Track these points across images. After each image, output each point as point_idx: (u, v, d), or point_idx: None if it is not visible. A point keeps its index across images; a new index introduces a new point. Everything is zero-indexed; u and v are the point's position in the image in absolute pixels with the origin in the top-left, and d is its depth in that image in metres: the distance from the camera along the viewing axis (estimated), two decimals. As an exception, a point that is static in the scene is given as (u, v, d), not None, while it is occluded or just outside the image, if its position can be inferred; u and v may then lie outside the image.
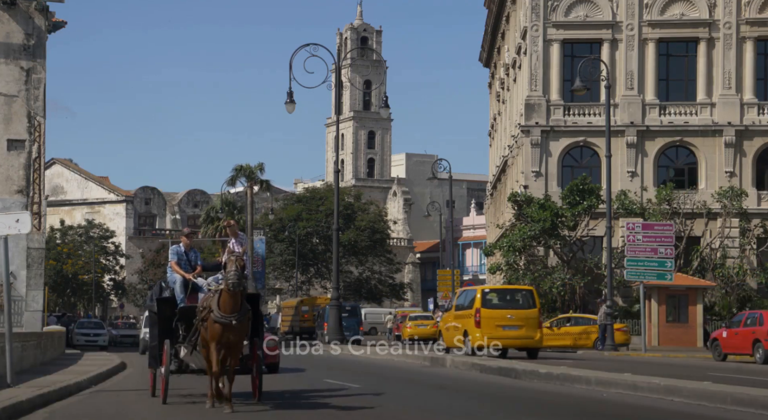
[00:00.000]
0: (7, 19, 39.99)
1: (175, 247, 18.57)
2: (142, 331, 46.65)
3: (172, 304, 17.98)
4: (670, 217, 51.35)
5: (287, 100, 38.76)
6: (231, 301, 16.04)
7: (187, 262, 18.36)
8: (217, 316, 16.02)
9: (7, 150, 39.87)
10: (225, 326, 16.05)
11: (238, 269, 15.95)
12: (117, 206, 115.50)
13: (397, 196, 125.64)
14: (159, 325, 18.09)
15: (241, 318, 16.14)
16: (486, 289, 34.66)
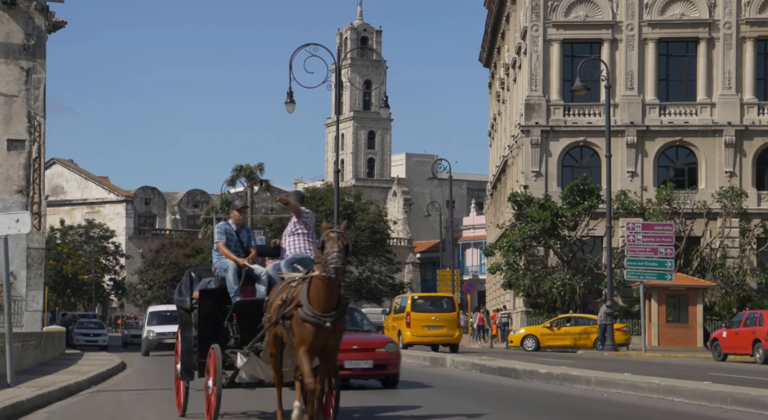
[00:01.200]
0: (7, 19, 39.99)
1: (222, 225, 14.66)
2: (145, 329, 45.76)
3: (219, 298, 14.16)
4: (670, 217, 51.36)
5: (287, 100, 38.73)
6: (328, 294, 12.17)
7: (238, 243, 14.58)
8: (308, 313, 12.13)
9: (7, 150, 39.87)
10: (319, 328, 12.17)
11: (341, 250, 12.07)
12: (117, 206, 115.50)
13: (397, 196, 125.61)
14: (200, 325, 14.24)
15: (340, 318, 12.35)
16: (415, 296, 42.76)
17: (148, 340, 44.70)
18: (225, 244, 14.42)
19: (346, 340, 15.07)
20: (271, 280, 14.10)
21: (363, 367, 19.93)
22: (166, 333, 43.92)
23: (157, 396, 19.75)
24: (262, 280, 14.26)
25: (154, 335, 44.60)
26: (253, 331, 13.68)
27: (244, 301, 13.85)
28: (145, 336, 45.32)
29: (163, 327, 44.70)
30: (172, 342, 43.09)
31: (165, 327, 44.42)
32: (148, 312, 48.54)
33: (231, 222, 14.75)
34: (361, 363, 19.89)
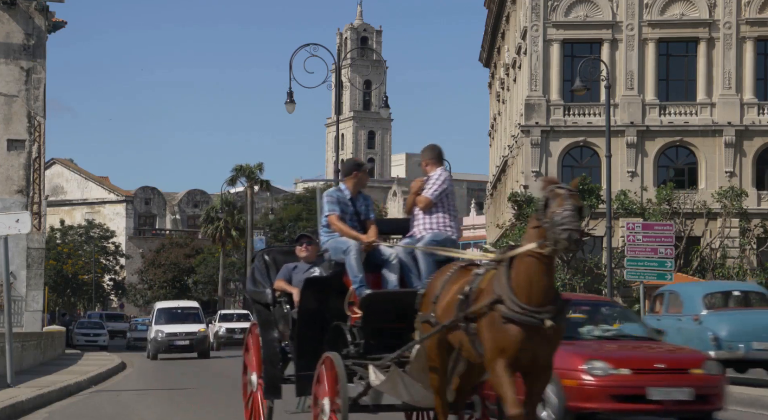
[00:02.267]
0: (7, 19, 40.00)
1: (333, 192, 10.91)
2: (152, 329, 41.98)
3: (327, 290, 10.56)
4: (670, 217, 51.34)
5: (287, 100, 38.71)
6: (545, 279, 8.40)
7: (354, 215, 10.77)
8: (514, 309, 8.26)
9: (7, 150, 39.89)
10: (530, 330, 8.27)
11: (574, 211, 8.25)
12: (117, 206, 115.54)
13: (397, 196, 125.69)
14: (300, 325, 10.66)
15: (560, 315, 8.50)
16: None
17: (156, 341, 41.01)
18: (339, 218, 10.65)
19: (645, 355, 12.09)
20: (404, 266, 10.41)
21: (678, 398, 12.92)
22: (177, 333, 41.11)
23: (157, 396, 19.75)
24: (391, 265, 10.39)
25: (164, 336, 41.06)
26: (383, 335, 10.14)
27: (376, 295, 10.06)
28: (153, 337, 41.32)
29: (173, 326, 41.51)
30: (184, 344, 41.23)
31: (176, 326, 41.54)
32: (155, 309, 44.88)
33: (344, 187, 10.93)
34: (674, 392, 12.90)
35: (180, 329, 41.48)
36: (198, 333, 41.71)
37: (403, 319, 9.84)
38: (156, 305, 46.71)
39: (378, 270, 10.39)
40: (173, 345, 41.02)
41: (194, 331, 41.65)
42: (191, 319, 43.10)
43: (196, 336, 41.48)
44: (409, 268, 10.39)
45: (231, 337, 51.25)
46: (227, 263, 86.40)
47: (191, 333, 41.56)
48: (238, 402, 17.99)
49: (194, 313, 44.03)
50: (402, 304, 9.88)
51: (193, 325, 42.24)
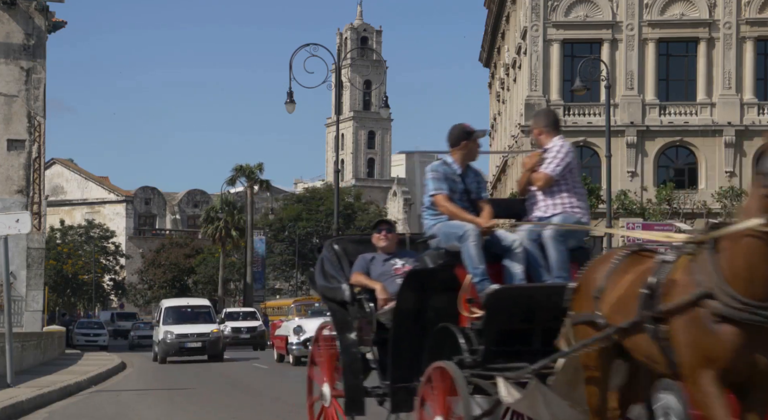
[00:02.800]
0: (7, 19, 40.00)
1: (439, 167, 8.95)
2: (159, 329, 37.86)
3: (433, 283, 8.74)
4: (670, 217, 51.36)
5: (287, 100, 38.71)
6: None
7: (464, 194, 8.89)
8: (732, 304, 6.26)
9: (7, 150, 39.89)
10: (754, 331, 6.25)
11: None
12: (117, 206, 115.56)
13: (397, 196, 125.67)
14: (396, 328, 8.80)
15: None
16: None
17: (165, 343, 36.93)
18: (448, 198, 8.74)
19: None
20: (530, 256, 8.51)
21: None
22: (188, 335, 37.29)
23: (157, 396, 19.76)
24: (515, 254, 8.47)
25: (173, 337, 37.07)
26: (507, 339, 8.20)
27: (505, 290, 8.08)
28: (162, 338, 37.19)
29: (183, 327, 37.67)
30: (196, 346, 37.30)
31: (186, 327, 37.74)
32: (162, 307, 40.59)
33: (451, 160, 8.94)
34: None
35: (191, 330, 37.53)
36: (211, 334, 37.78)
37: (530, 319, 8.14)
38: (163, 303, 41.96)
39: (497, 260, 8.43)
40: (184, 347, 37.05)
41: (206, 332, 37.74)
42: (202, 318, 39.22)
43: (208, 337, 37.56)
44: (535, 258, 8.46)
45: (237, 337, 48.50)
46: (227, 263, 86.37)
47: (203, 334, 37.58)
48: (238, 402, 17.99)
49: (205, 312, 40.23)
50: (532, 302, 8.11)
51: (205, 325, 38.39)
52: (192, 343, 37.09)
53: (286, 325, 35.10)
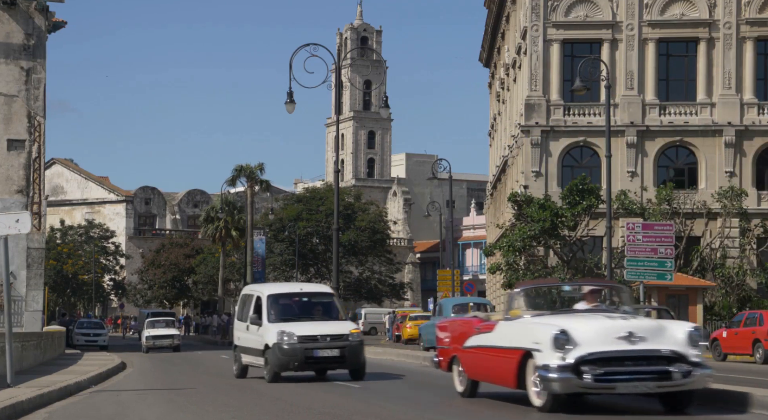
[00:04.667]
0: (7, 19, 40.01)
1: None
2: (266, 328, 22.62)
3: None
4: (670, 217, 51.33)
5: (287, 100, 38.71)
6: None
7: None
8: None
9: (7, 150, 39.91)
10: None
11: None
12: (117, 206, 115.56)
13: (397, 196, 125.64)
14: None
15: None
16: None
17: (281, 350, 23.20)
18: None
19: None
20: None
21: None
22: (318, 338, 23.61)
23: (157, 396, 19.76)
24: None
25: (295, 342, 23.02)
26: None
27: None
28: (276, 343, 23.04)
29: (304, 326, 23.69)
30: (332, 355, 23.39)
31: (310, 326, 23.80)
32: (254, 296, 25.12)
33: None
34: None
35: (320, 330, 24.00)
36: (350, 336, 24.21)
37: None
38: (256, 290, 25.90)
39: None
40: (313, 357, 23.63)
41: (343, 334, 24.20)
42: (329, 313, 25.25)
43: (348, 342, 24.03)
44: None
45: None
46: (227, 263, 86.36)
47: (339, 336, 24.07)
48: (238, 402, 18.00)
49: (328, 303, 25.67)
50: None
51: (336, 323, 24.76)
52: (325, 351, 23.72)
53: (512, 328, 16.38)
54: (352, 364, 23.47)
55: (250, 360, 24.60)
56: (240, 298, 26.35)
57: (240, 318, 25.75)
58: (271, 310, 23.89)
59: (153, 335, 53.02)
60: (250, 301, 24.93)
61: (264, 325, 23.64)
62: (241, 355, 25.23)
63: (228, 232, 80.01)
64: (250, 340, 24.39)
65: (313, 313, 24.44)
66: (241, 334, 25.32)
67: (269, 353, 22.98)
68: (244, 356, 24.95)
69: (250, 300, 25.02)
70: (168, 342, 52.64)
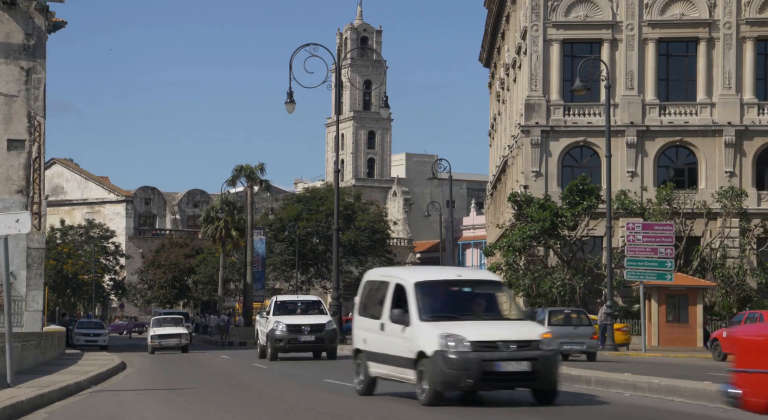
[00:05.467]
0: (7, 19, 40.01)
1: None
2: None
3: None
4: (670, 217, 51.33)
5: (287, 100, 38.74)
6: None
7: None
8: None
9: (7, 150, 39.90)
10: None
11: None
12: (117, 206, 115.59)
13: (397, 196, 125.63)
14: None
15: None
16: None
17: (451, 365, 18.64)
18: None
19: None
20: None
21: None
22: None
23: (157, 396, 19.75)
24: None
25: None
26: None
27: None
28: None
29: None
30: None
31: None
32: (413, 284, 18.96)
33: None
34: None
35: (499, 334, 25.95)
36: (542, 344, 23.57)
37: None
38: (393, 276, 20.67)
39: None
40: (494, 372, 25.75)
41: (532, 340, 24.72)
42: (498, 309, 26.87)
43: (540, 352, 24.74)
44: None
45: (296, 339, 34.85)
46: (227, 263, 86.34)
47: (527, 344, 24.41)
48: (238, 402, 18.00)
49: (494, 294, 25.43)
50: None
51: (518, 324, 26.04)
52: (510, 363, 24.73)
53: None
54: (545, 383, 17.17)
55: (387, 371, 18.12)
56: (363, 287, 19.79)
57: (365, 313, 19.38)
58: (423, 303, 17.49)
59: (159, 334, 48.76)
60: (383, 291, 18.55)
61: (414, 324, 17.22)
62: (369, 364, 18.62)
63: (228, 232, 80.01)
64: (388, 345, 17.93)
65: (476, 308, 18.30)
66: (369, 335, 18.70)
67: (427, 365, 16.69)
68: (376, 366, 18.45)
69: (383, 289, 18.64)
70: (175, 342, 48.74)
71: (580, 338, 33.67)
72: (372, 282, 19.43)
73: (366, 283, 19.61)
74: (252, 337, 63.55)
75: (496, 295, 18.43)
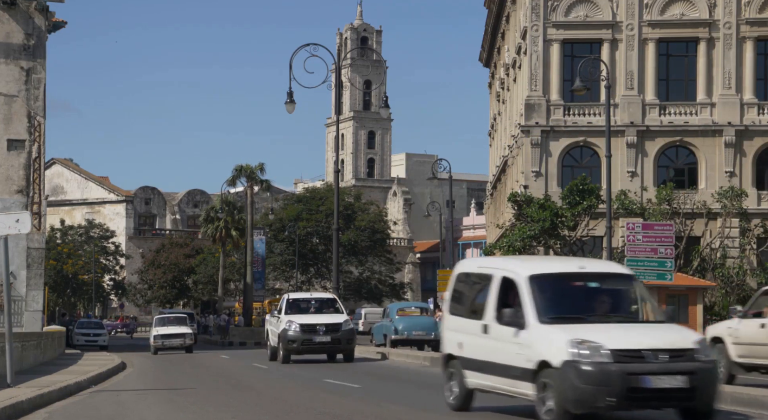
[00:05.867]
0: (7, 19, 40.02)
1: None
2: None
3: None
4: (670, 217, 51.32)
5: (287, 100, 38.74)
6: None
7: None
8: None
9: (7, 150, 39.91)
10: None
11: None
12: (117, 206, 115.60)
13: (397, 196, 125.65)
14: None
15: None
16: None
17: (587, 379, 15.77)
18: None
19: None
20: None
21: None
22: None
23: (157, 396, 19.75)
24: None
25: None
26: None
27: None
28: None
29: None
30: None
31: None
32: (527, 278, 15.44)
33: None
34: None
35: (645, 341, 25.56)
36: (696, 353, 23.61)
37: None
38: (498, 268, 16.73)
39: None
40: (644, 389, 24.47)
41: (686, 348, 24.81)
42: (626, 308, 27.38)
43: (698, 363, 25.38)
44: None
45: (310, 340, 32.78)
46: (227, 263, 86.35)
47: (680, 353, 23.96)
48: (238, 402, 18.00)
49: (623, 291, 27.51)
50: None
51: (664, 328, 26.88)
52: (662, 378, 24.08)
53: None
54: (704, 402, 14.05)
55: (491, 383, 15.11)
56: (455, 281, 16.77)
57: (458, 311, 16.33)
58: (541, 302, 14.46)
59: (162, 334, 47.31)
60: (484, 286, 15.57)
61: (531, 327, 14.20)
62: (465, 374, 15.67)
63: (228, 232, 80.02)
64: (493, 351, 14.92)
65: (603, 308, 15.18)
66: (466, 338, 15.76)
67: (553, 378, 13.71)
68: (475, 376, 15.46)
69: (484, 284, 15.64)
70: (179, 342, 47.25)
71: None
72: (468, 275, 16.57)
73: (459, 276, 16.66)
74: (252, 337, 63.69)
75: (627, 292, 15.41)
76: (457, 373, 15.79)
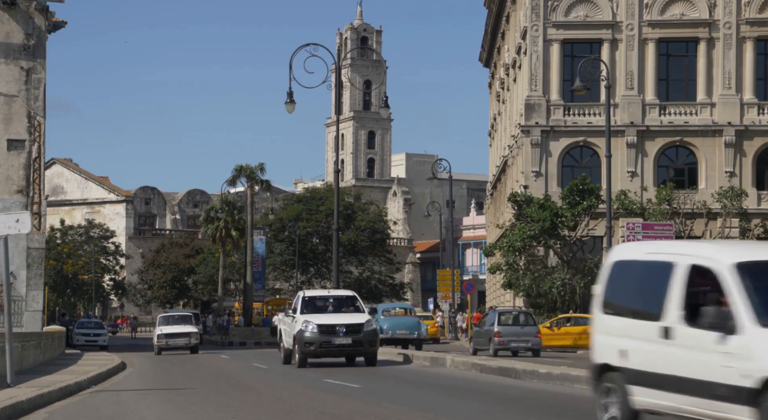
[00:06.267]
0: (7, 19, 40.02)
1: None
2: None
3: None
4: (670, 217, 51.32)
5: (287, 100, 38.71)
6: None
7: None
8: None
9: (7, 150, 39.92)
10: None
11: None
12: (117, 206, 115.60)
13: (397, 196, 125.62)
14: None
15: None
16: None
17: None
18: None
19: None
20: None
21: None
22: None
23: (157, 396, 19.75)
24: None
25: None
26: None
27: None
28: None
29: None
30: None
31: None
32: (734, 266, 11.55)
33: None
34: None
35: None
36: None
37: None
38: (683, 253, 12.08)
39: None
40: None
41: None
42: None
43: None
44: None
45: (329, 343, 29.74)
46: (227, 263, 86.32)
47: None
48: (238, 402, 17.99)
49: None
50: None
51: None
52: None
53: None
54: None
55: (677, 404, 11.45)
56: (612, 270, 13.34)
57: (621, 310, 12.87)
58: (758, 298, 10.78)
59: (166, 334, 45.40)
60: (661, 277, 11.99)
61: (747, 331, 10.60)
62: (632, 390, 12.21)
63: (228, 232, 80.00)
64: (680, 362, 11.38)
65: None
66: (634, 344, 12.28)
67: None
68: (649, 394, 11.90)
69: (659, 274, 12.07)
70: (184, 341, 45.33)
71: (526, 337, 37.97)
72: (631, 263, 12.90)
73: (617, 265, 13.15)
74: (252, 337, 63.70)
75: None
76: (618, 389, 12.32)
